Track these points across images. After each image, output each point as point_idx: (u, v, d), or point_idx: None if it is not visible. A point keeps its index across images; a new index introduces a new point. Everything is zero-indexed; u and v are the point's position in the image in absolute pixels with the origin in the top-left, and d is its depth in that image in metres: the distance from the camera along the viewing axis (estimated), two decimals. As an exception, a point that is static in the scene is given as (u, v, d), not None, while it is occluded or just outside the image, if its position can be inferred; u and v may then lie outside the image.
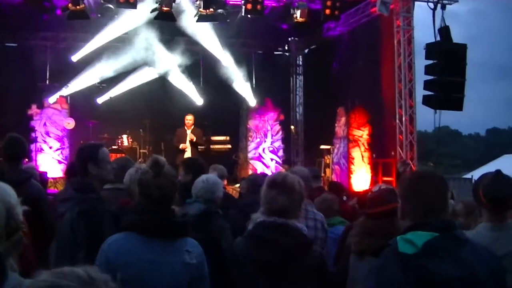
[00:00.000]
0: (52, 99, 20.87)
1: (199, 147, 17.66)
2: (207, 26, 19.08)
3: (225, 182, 9.78)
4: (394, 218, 4.46)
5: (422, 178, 3.43)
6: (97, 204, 4.86)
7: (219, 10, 16.99)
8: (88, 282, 1.88)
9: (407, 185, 3.46)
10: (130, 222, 3.92)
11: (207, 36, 20.26)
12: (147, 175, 4.03)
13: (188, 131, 17.17)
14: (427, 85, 15.02)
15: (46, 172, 15.29)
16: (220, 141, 19.99)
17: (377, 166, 18.14)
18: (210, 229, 5.59)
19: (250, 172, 21.25)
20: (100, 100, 20.89)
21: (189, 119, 17.39)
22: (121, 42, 20.43)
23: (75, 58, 20.33)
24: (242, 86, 22.77)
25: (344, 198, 10.31)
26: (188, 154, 16.94)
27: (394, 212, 4.47)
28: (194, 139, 17.13)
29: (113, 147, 18.66)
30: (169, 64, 21.69)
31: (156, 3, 16.25)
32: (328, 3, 16.87)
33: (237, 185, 17.52)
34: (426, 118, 17.47)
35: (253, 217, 4.30)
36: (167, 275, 3.80)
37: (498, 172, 4.23)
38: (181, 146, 16.97)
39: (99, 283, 1.91)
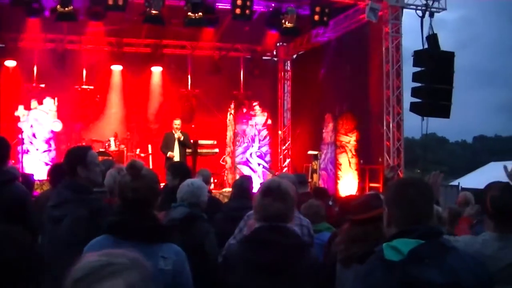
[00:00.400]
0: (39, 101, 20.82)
1: (187, 150, 17.61)
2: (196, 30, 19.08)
3: (212, 186, 9.81)
4: (380, 224, 4.45)
5: (409, 185, 3.42)
6: (102, 204, 4.86)
7: (208, 15, 17.01)
8: (137, 261, 2.04)
9: (394, 192, 3.45)
10: (106, 224, 3.89)
11: (195, 39, 20.31)
12: (125, 177, 4.02)
13: (176, 135, 17.09)
14: (414, 92, 15.10)
15: (32, 174, 15.18)
16: (208, 145, 19.97)
17: (364, 172, 18.18)
18: (194, 233, 5.57)
19: (237, 176, 21.22)
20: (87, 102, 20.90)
21: (177, 123, 17.31)
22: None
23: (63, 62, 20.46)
24: (230, 91, 22.82)
25: (330, 203, 10.34)
26: (176, 156, 16.91)
27: (379, 218, 4.47)
28: (182, 138, 17.07)
29: (100, 150, 18.61)
30: (157, 67, 21.76)
31: (145, 6, 16.23)
32: (317, 9, 16.93)
33: (225, 189, 17.54)
34: (414, 125, 17.56)
35: (249, 224, 4.33)
36: None
37: (508, 184, 4.26)
38: (169, 154, 16.90)
39: (145, 264, 2.06)
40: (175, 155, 16.93)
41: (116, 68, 21.64)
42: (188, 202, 5.78)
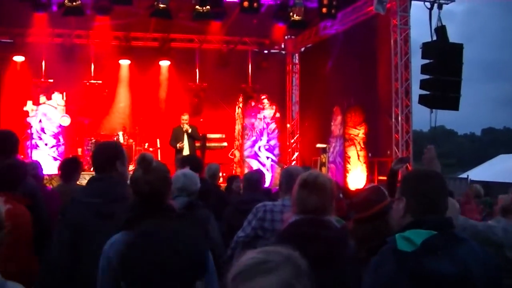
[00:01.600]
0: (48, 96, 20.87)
1: (196, 143, 17.57)
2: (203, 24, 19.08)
3: (220, 180, 9.82)
4: (387, 218, 4.42)
5: (429, 177, 3.41)
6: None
7: (215, 8, 17.00)
8: (291, 258, 2.08)
9: (414, 182, 3.43)
10: (125, 220, 3.89)
11: (203, 33, 20.31)
12: (137, 172, 4.03)
13: (184, 128, 17.05)
14: (423, 84, 15.05)
15: (41, 169, 15.25)
16: (216, 139, 19.98)
17: (373, 165, 18.15)
18: (197, 220, 5.61)
19: (246, 170, 21.22)
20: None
21: (185, 118, 17.30)
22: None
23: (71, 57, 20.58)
24: (238, 84, 22.83)
25: (341, 196, 10.31)
26: (186, 149, 16.89)
27: (386, 211, 4.44)
28: (190, 130, 17.03)
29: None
30: (164, 61, 21.77)
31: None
32: (325, 1, 16.89)
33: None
34: (422, 118, 17.49)
35: (285, 218, 4.33)
36: None
37: None
38: (178, 145, 16.88)
39: (299, 260, 2.11)
40: (185, 149, 16.90)
41: (124, 63, 21.68)
42: (188, 192, 5.82)
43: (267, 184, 14.68)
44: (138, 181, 4.00)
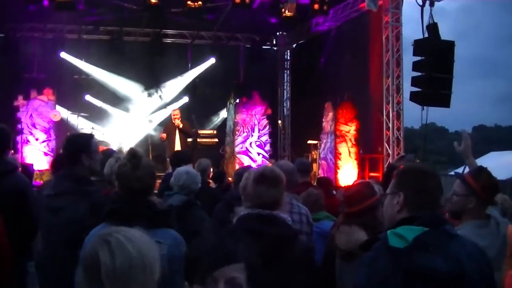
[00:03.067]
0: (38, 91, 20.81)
1: (188, 139, 17.53)
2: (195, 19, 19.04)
3: (210, 175, 9.79)
4: (376, 213, 4.43)
5: (429, 173, 3.42)
6: (101, 197, 4.80)
7: (207, 4, 16.98)
8: None
9: (413, 178, 3.41)
10: (106, 212, 3.92)
11: (195, 29, 20.31)
12: (126, 167, 4.01)
13: (176, 124, 17.06)
14: (414, 81, 15.04)
15: (32, 164, 15.24)
16: (207, 135, 19.97)
17: (364, 162, 18.15)
18: (191, 220, 5.66)
19: (236, 166, 21.22)
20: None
21: (176, 113, 17.37)
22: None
23: (63, 55, 20.55)
24: (230, 80, 22.83)
25: (334, 192, 10.33)
26: (177, 145, 16.89)
27: (374, 206, 4.45)
28: (181, 125, 17.02)
29: (100, 139, 18.60)
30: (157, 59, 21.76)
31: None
32: (317, -2, 16.90)
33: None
34: (413, 115, 17.50)
35: (237, 211, 4.27)
36: None
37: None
38: (161, 135, 16.94)
39: None
40: (176, 144, 16.91)
41: (116, 58, 21.59)
42: (188, 190, 5.83)
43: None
44: (127, 177, 3.99)
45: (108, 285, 1.99)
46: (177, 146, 16.76)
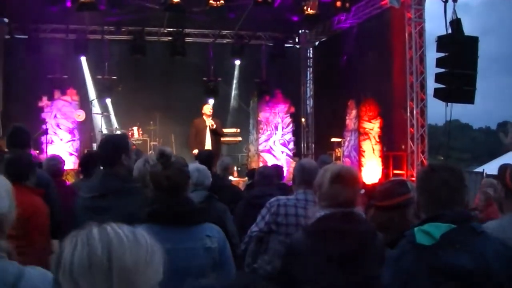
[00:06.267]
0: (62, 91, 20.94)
1: (220, 138, 17.20)
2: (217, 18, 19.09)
3: (235, 174, 9.78)
4: (405, 211, 4.41)
5: (431, 172, 3.40)
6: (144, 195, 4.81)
7: (229, 2, 16.99)
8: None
9: (419, 178, 3.48)
10: (146, 213, 3.97)
11: (216, 28, 20.34)
12: (156, 167, 4.08)
13: (207, 122, 16.39)
14: (438, 78, 14.95)
15: (63, 162, 15.30)
16: (231, 134, 19.98)
17: (388, 159, 18.10)
18: (215, 213, 5.75)
19: (260, 164, 21.19)
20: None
21: (209, 108, 16.70)
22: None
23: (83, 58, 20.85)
24: (252, 79, 22.84)
25: (362, 191, 10.28)
26: (208, 144, 16.28)
27: (404, 205, 4.42)
28: (214, 126, 16.36)
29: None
30: (179, 56, 21.78)
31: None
32: (339, -5, 16.86)
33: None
34: (437, 112, 17.39)
35: (309, 213, 4.31)
36: (190, 261, 3.86)
37: None
38: (194, 152, 15.06)
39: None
40: (207, 144, 16.20)
41: (138, 58, 21.70)
42: (204, 186, 5.92)
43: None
44: (158, 176, 4.05)
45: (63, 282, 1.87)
46: (208, 145, 16.31)
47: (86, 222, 1.92)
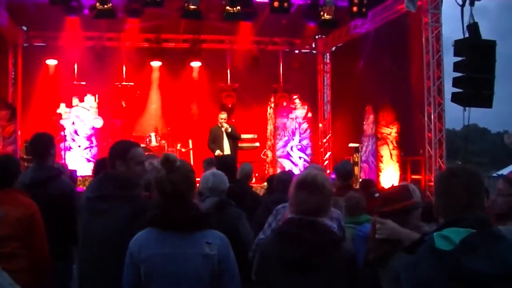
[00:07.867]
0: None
1: (237, 143, 17.37)
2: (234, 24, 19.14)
3: (253, 180, 9.79)
4: (407, 217, 4.38)
5: (449, 176, 3.38)
6: (144, 202, 4.80)
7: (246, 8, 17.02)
8: None
9: (437, 182, 3.45)
10: (148, 218, 4.02)
11: (233, 34, 20.39)
12: (161, 172, 4.09)
13: (223, 128, 16.85)
14: (455, 82, 14.90)
15: (75, 171, 15.40)
16: (248, 139, 20.00)
17: (406, 164, 18.04)
18: (227, 218, 5.74)
19: (278, 170, 21.17)
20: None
21: (223, 117, 17.10)
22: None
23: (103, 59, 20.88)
24: (269, 84, 22.86)
25: (376, 195, 10.25)
26: (227, 150, 16.68)
27: (407, 210, 4.40)
28: (230, 129, 16.76)
29: (142, 145, 18.68)
30: (195, 62, 21.86)
31: (183, 1, 16.29)
32: (355, 0, 16.82)
33: (265, 183, 17.54)
34: (455, 116, 17.33)
35: (284, 216, 4.32)
36: (187, 267, 3.87)
37: None
38: (217, 153, 16.54)
39: None
40: (225, 149, 16.66)
41: (155, 64, 21.84)
42: (219, 191, 5.93)
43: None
44: (162, 180, 4.06)
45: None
46: (226, 150, 16.59)
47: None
